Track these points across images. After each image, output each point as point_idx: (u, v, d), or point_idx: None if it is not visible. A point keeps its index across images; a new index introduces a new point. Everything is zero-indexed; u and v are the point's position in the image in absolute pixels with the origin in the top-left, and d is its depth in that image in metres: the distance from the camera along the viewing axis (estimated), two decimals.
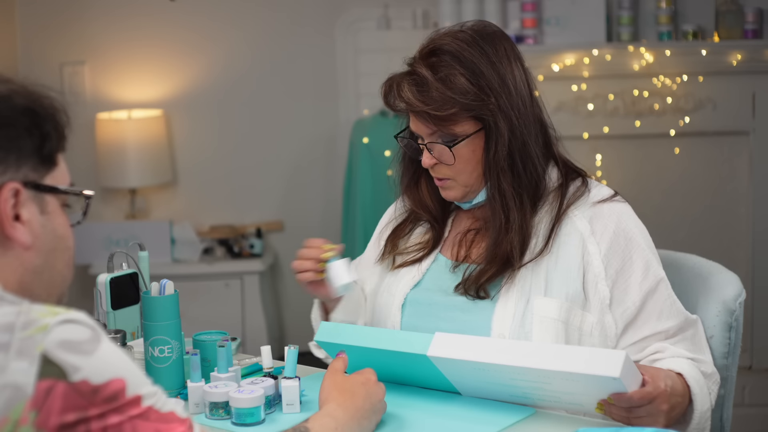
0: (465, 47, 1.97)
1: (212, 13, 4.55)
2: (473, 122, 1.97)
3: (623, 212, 2.04)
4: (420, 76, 1.96)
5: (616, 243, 1.99)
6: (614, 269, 1.98)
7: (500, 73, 1.98)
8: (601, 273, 1.98)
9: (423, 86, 1.96)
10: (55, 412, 1.21)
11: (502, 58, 1.99)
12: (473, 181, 2.02)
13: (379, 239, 2.23)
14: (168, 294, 1.95)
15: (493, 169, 1.98)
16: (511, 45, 2.03)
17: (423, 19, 4.46)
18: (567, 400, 1.83)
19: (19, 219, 1.31)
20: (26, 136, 1.32)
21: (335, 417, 1.66)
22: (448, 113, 1.95)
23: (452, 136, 1.98)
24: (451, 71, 1.96)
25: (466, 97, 1.94)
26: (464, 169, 2.00)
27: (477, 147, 1.99)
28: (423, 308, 2.07)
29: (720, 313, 2.07)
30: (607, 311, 1.98)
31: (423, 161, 2.02)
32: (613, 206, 2.03)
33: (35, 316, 1.24)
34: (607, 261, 1.98)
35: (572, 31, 4.08)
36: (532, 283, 1.99)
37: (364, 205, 4.32)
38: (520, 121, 1.98)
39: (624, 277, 1.98)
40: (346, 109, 4.56)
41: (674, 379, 1.87)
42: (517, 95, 1.98)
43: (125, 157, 4.32)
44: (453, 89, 1.94)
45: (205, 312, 4.26)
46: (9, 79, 1.34)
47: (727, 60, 3.98)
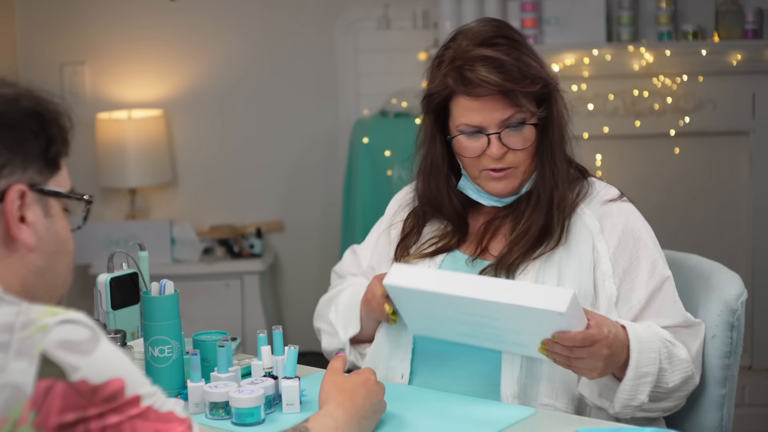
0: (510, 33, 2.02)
1: (212, 13, 4.55)
2: (535, 103, 2.01)
3: (631, 212, 2.07)
4: (494, 59, 1.97)
5: (624, 242, 2.02)
6: (622, 267, 2.01)
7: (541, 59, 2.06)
8: (608, 271, 2.00)
9: (501, 67, 1.96)
10: (55, 411, 1.21)
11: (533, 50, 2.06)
12: (529, 167, 2.04)
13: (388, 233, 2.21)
14: (168, 294, 1.95)
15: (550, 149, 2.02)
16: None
17: (423, 19, 4.46)
18: (513, 340, 1.87)
19: (24, 221, 1.32)
20: (33, 139, 1.33)
21: (335, 417, 1.66)
22: (531, 89, 1.97)
23: (522, 119, 2.00)
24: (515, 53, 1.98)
25: (538, 73, 1.99)
26: (529, 152, 2.02)
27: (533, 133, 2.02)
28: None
29: (722, 313, 2.07)
30: (613, 309, 1.99)
31: (492, 152, 2.00)
32: (621, 206, 2.06)
33: (34, 316, 1.24)
34: (615, 259, 2.01)
35: (572, 31, 4.08)
36: (546, 275, 2.00)
37: (364, 205, 4.32)
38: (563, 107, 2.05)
39: (631, 276, 2.00)
40: (346, 109, 4.56)
41: (618, 329, 1.88)
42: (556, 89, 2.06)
43: (125, 157, 4.32)
44: (530, 66, 1.98)
45: (205, 312, 4.26)
46: (14, 82, 1.35)
47: (727, 60, 3.98)
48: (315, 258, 4.64)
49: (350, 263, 2.33)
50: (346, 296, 2.21)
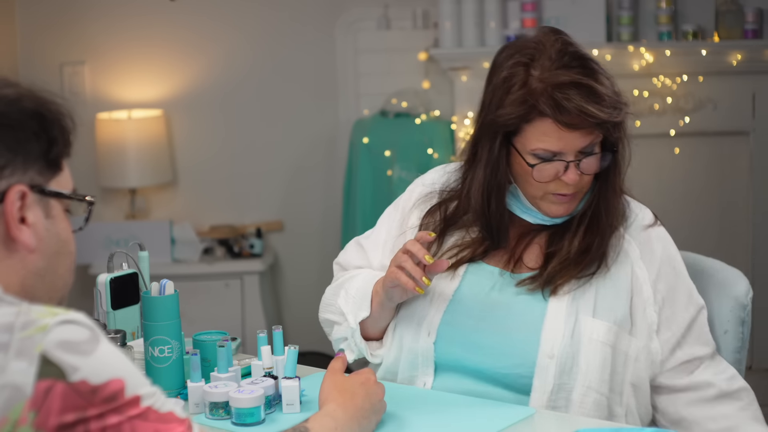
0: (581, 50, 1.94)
1: (212, 13, 4.55)
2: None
3: (667, 238, 2.04)
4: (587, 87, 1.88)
5: (664, 269, 1.99)
6: (662, 295, 1.97)
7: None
8: (650, 298, 1.96)
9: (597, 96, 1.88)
10: (54, 412, 1.21)
11: None
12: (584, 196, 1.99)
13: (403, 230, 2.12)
14: (168, 294, 1.95)
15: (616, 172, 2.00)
16: None
17: (423, 19, 4.46)
18: None
19: (24, 221, 1.32)
20: (34, 139, 1.32)
21: (335, 417, 1.66)
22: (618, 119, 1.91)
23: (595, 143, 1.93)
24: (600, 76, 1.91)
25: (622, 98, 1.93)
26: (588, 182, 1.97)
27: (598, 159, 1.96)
28: (463, 319, 2.00)
29: (733, 309, 2.09)
30: (654, 337, 1.96)
31: (570, 178, 1.91)
32: (659, 232, 2.04)
33: (34, 316, 1.24)
34: (655, 286, 1.97)
35: (572, 31, 4.00)
36: (581, 301, 1.95)
37: (364, 205, 4.32)
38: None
39: (670, 304, 1.97)
40: (346, 109, 4.56)
41: None
42: None
43: (125, 157, 4.32)
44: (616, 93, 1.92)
45: (205, 312, 4.26)
46: (16, 83, 1.35)
47: (727, 60, 3.98)
48: (315, 258, 4.64)
49: (356, 256, 2.21)
50: (359, 281, 2.09)
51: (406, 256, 1.92)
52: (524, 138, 1.92)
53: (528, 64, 1.91)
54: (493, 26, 4.09)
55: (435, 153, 4.22)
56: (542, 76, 1.88)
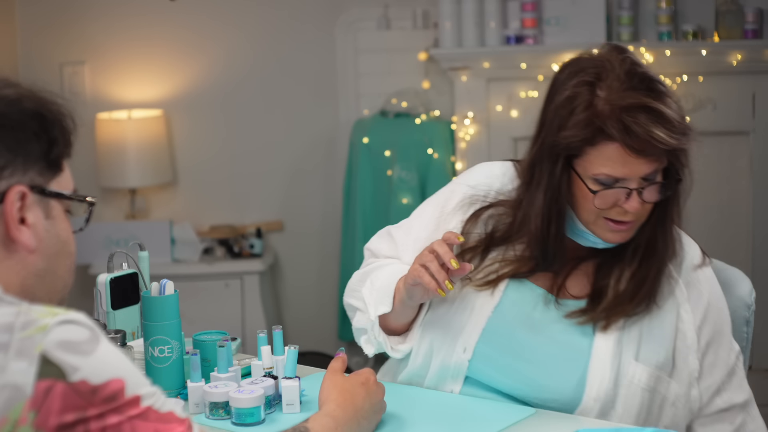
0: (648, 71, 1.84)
1: (212, 13, 4.55)
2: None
3: (713, 279, 1.97)
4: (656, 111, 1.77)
5: (710, 314, 1.92)
6: (705, 341, 1.91)
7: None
8: (693, 345, 1.90)
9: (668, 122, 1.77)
10: (54, 412, 1.21)
11: None
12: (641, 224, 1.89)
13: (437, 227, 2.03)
14: (168, 294, 1.95)
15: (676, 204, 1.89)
16: None
17: (423, 19, 4.46)
18: None
19: (24, 222, 1.32)
20: (34, 140, 1.32)
21: (335, 417, 1.66)
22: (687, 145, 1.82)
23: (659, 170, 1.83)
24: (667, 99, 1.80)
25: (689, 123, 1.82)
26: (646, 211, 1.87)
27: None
28: (503, 340, 1.93)
29: (737, 309, 2.08)
30: (695, 384, 1.91)
31: (632, 206, 1.82)
32: (707, 273, 1.96)
33: (34, 316, 1.24)
34: (700, 332, 1.91)
35: (572, 31, 4.07)
36: (626, 341, 1.89)
37: (364, 205, 4.32)
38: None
39: (713, 350, 1.92)
40: (346, 109, 4.56)
41: None
42: None
43: (125, 157, 4.32)
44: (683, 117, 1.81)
45: (205, 312, 4.26)
46: (17, 83, 1.35)
47: (727, 60, 3.98)
48: (315, 258, 4.64)
49: (386, 246, 2.12)
50: (386, 274, 2.01)
51: (431, 255, 1.85)
52: (587, 162, 1.82)
53: (593, 84, 1.81)
54: (493, 26, 4.09)
55: (435, 153, 4.22)
56: (609, 97, 1.78)
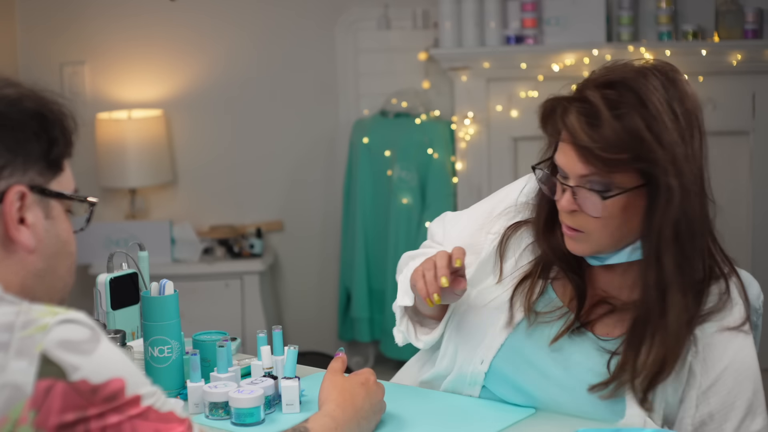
0: (653, 90, 1.71)
1: (212, 13, 4.55)
2: (637, 176, 1.70)
3: (744, 349, 1.77)
4: (593, 107, 1.69)
5: (721, 385, 1.76)
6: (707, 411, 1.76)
7: (682, 131, 1.73)
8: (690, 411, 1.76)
9: (595, 119, 1.68)
10: (55, 411, 1.21)
11: (689, 116, 1.75)
12: (609, 242, 1.76)
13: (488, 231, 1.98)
14: (168, 294, 1.95)
15: (655, 236, 1.71)
16: (697, 103, 1.79)
17: (423, 19, 4.46)
18: None
19: (23, 222, 1.31)
20: (34, 140, 1.32)
21: (335, 417, 1.66)
22: (616, 158, 1.67)
23: (606, 185, 1.70)
24: (631, 112, 1.68)
25: (642, 145, 1.67)
26: (606, 225, 1.73)
27: (631, 205, 1.72)
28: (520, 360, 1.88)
29: None
30: None
31: (561, 203, 1.75)
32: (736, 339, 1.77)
33: (35, 315, 1.24)
34: (703, 399, 1.76)
35: (572, 31, 4.07)
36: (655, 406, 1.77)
37: (364, 205, 4.32)
38: (694, 186, 1.75)
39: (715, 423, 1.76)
40: (346, 109, 4.56)
41: None
42: (693, 161, 1.76)
43: (125, 157, 4.32)
44: (629, 132, 1.67)
45: (205, 312, 4.26)
46: (18, 83, 1.35)
47: (727, 60, 3.98)
48: (315, 258, 4.64)
49: (439, 232, 2.10)
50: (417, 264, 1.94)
51: (431, 264, 1.83)
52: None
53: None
54: (493, 26, 4.09)
55: (435, 153, 4.22)
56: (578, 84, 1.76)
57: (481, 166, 4.13)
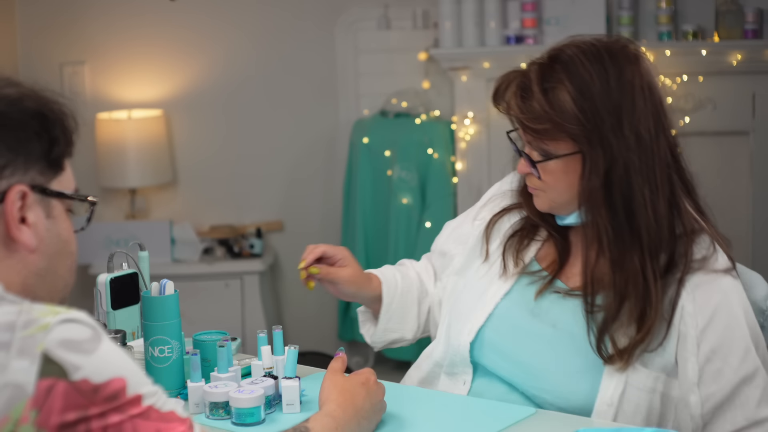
0: (584, 62, 1.82)
1: (212, 14, 4.55)
2: (570, 144, 1.83)
3: (732, 289, 1.86)
4: (528, 81, 1.84)
5: (717, 322, 1.82)
6: (710, 347, 1.82)
7: (615, 100, 1.82)
8: (693, 350, 1.82)
9: (526, 92, 1.84)
10: (56, 411, 1.21)
11: (624, 85, 1.83)
12: (564, 200, 1.88)
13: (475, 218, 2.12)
14: (168, 294, 1.94)
15: (586, 199, 1.85)
16: (644, 72, 1.87)
17: (423, 19, 4.46)
18: None
19: (25, 222, 1.32)
20: (35, 139, 1.32)
21: (335, 417, 1.66)
22: (540, 127, 1.82)
23: (546, 152, 1.85)
24: (558, 85, 1.82)
25: (563, 116, 1.80)
26: (554, 186, 1.87)
27: (571, 169, 1.85)
28: (508, 327, 1.96)
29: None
30: (694, 390, 1.82)
31: (518, 167, 1.92)
32: (723, 280, 1.85)
33: (36, 315, 1.24)
34: (701, 339, 1.82)
35: (572, 31, 3.99)
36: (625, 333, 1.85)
37: (364, 205, 4.32)
38: (626, 156, 1.81)
39: (719, 358, 1.82)
40: (346, 109, 4.56)
41: None
42: (630, 129, 1.82)
43: (125, 157, 4.32)
44: (553, 105, 1.81)
45: (205, 312, 4.26)
46: (19, 82, 1.35)
47: (727, 60, 3.98)
48: None
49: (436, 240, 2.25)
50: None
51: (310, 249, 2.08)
52: None
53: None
54: (493, 26, 4.09)
55: (435, 153, 4.22)
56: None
57: (481, 166, 4.13)
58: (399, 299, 2.15)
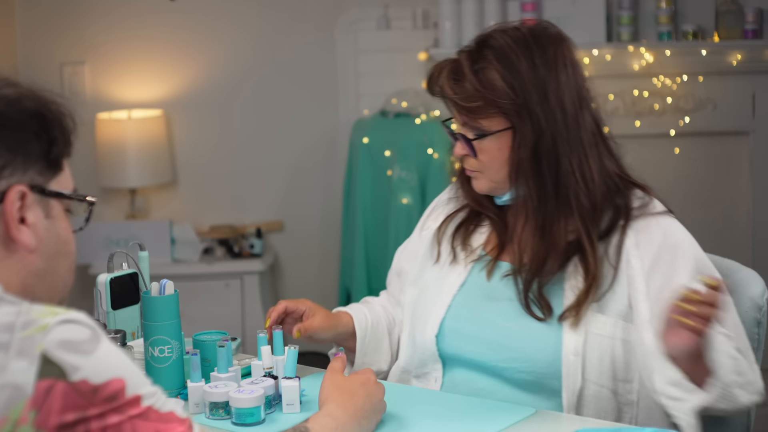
0: (511, 44, 1.95)
1: (212, 14, 4.55)
2: (503, 120, 1.94)
3: (672, 226, 1.98)
4: (459, 65, 1.97)
5: (661, 258, 1.92)
6: (658, 285, 1.90)
7: (540, 75, 1.93)
8: (642, 290, 1.90)
9: (458, 75, 1.96)
10: (55, 411, 1.21)
11: (548, 61, 1.94)
12: (500, 177, 1.98)
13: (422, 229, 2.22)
14: (168, 294, 1.95)
15: (515, 171, 1.95)
16: (566, 50, 1.99)
17: (423, 19, 4.46)
18: None
19: (24, 222, 1.32)
20: (34, 139, 1.32)
21: (335, 417, 1.66)
22: (474, 105, 1.93)
23: (480, 130, 1.96)
24: (488, 65, 1.94)
25: (493, 93, 1.92)
26: (490, 164, 1.97)
27: (504, 145, 1.95)
28: (467, 312, 2.03)
29: (749, 310, 2.06)
30: (647, 327, 1.88)
31: (455, 150, 2.01)
32: (661, 220, 1.97)
33: (35, 316, 1.24)
34: (649, 277, 1.91)
35: (572, 31, 3.99)
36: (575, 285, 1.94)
37: (364, 205, 4.32)
38: (553, 127, 1.92)
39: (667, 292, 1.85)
40: (346, 109, 4.56)
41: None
42: (556, 102, 1.93)
43: (125, 157, 4.32)
44: (483, 83, 1.93)
45: (205, 312, 4.26)
46: (17, 82, 1.35)
47: (727, 60, 3.98)
48: (315, 258, 4.64)
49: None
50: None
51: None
52: None
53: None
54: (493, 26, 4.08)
55: (435, 153, 4.22)
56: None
57: None
58: (371, 332, 2.18)
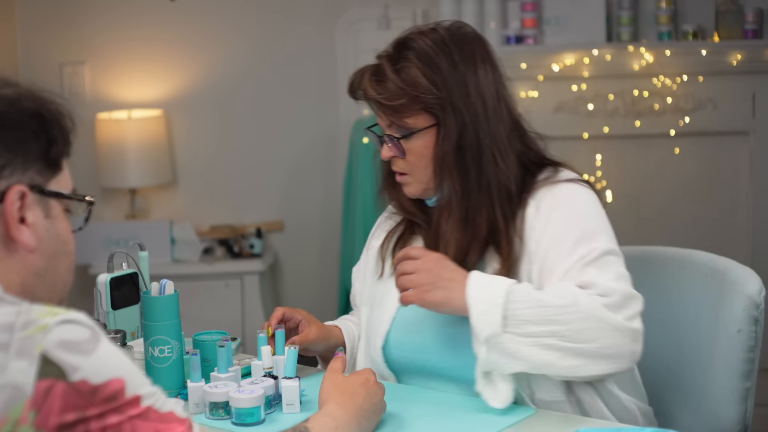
0: (429, 44, 1.98)
1: (212, 13, 4.55)
2: (427, 117, 1.97)
3: (576, 191, 1.98)
4: (380, 67, 2.00)
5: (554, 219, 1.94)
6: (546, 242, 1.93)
7: (460, 72, 1.97)
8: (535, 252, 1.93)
9: (380, 76, 1.99)
10: (55, 411, 1.21)
11: (466, 59, 1.98)
12: (428, 177, 2.00)
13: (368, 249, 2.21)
14: (168, 294, 1.95)
15: (440, 165, 1.97)
16: (483, 48, 2.03)
17: (423, 19, 4.46)
18: None
19: (24, 222, 1.32)
20: (33, 139, 1.33)
21: (335, 417, 1.66)
22: (398, 103, 1.96)
23: (406, 129, 1.98)
24: (408, 64, 1.97)
25: (417, 89, 1.95)
26: (418, 164, 2.00)
27: (429, 143, 1.98)
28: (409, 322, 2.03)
29: (747, 308, 2.06)
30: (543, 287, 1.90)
31: (382, 153, 2.03)
32: (564, 185, 1.99)
33: (35, 316, 1.24)
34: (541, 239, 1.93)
35: (572, 31, 4.08)
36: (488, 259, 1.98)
37: (364, 205, 4.32)
38: (475, 120, 1.96)
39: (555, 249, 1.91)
40: (346, 109, 4.55)
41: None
42: (477, 96, 1.97)
43: (125, 157, 4.32)
44: (405, 80, 1.96)
45: (205, 312, 4.26)
46: (16, 82, 1.35)
47: (727, 60, 3.98)
48: (315, 258, 4.64)
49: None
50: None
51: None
52: None
53: None
54: (493, 26, 4.09)
55: None
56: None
57: None
58: (359, 344, 2.18)
